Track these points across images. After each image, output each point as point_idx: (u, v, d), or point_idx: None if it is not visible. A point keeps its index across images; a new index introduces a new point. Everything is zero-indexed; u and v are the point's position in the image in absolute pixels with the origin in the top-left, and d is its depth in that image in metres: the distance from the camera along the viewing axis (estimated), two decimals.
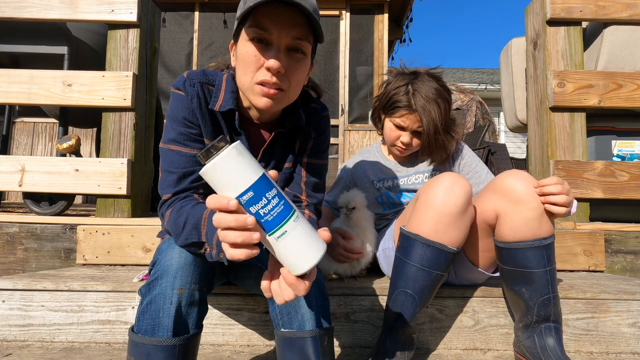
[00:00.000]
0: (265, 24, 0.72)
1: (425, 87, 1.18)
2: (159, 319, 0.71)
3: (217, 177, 0.52)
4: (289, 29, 0.73)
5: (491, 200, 0.97)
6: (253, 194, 0.52)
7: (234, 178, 0.52)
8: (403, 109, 1.20)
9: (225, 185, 0.52)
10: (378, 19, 4.26)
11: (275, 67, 0.73)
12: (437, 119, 1.17)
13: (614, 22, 1.81)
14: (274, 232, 0.53)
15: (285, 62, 0.75)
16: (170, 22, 4.25)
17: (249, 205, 0.52)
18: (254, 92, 0.77)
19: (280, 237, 0.53)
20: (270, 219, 0.53)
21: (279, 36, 0.73)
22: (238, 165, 0.52)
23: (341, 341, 1.10)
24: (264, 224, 0.53)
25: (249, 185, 0.52)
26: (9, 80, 1.71)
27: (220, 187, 0.52)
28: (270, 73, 0.74)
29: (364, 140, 4.18)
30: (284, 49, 0.75)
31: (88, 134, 4.12)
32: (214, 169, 0.51)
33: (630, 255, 1.54)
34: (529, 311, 0.95)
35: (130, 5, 1.73)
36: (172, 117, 0.82)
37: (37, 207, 1.76)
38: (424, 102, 1.17)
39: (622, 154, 1.88)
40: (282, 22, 0.73)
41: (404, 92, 1.20)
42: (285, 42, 0.74)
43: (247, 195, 0.52)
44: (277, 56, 0.74)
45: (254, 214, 0.52)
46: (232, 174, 0.51)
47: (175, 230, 0.73)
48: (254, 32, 0.74)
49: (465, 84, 9.01)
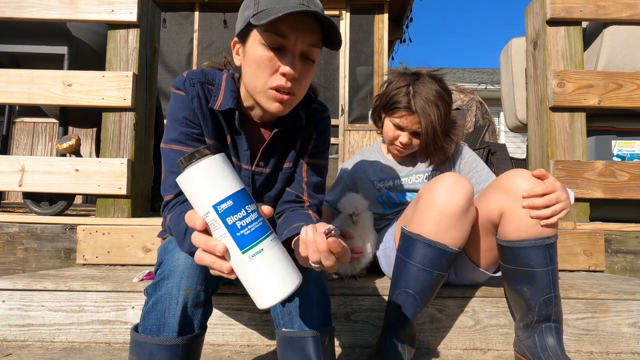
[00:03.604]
0: (284, 31, 0.73)
1: (426, 89, 1.18)
2: (165, 319, 0.71)
3: (200, 181, 0.50)
4: (307, 35, 0.74)
5: (496, 199, 0.97)
6: (232, 203, 0.50)
7: (217, 183, 0.50)
8: (403, 110, 1.20)
9: (204, 192, 0.50)
10: (378, 19, 4.26)
11: (291, 74, 0.74)
12: (436, 121, 1.17)
13: (614, 22, 1.81)
14: (249, 249, 0.50)
15: (299, 68, 0.76)
16: (170, 22, 4.25)
17: (226, 215, 0.50)
18: (267, 96, 0.77)
19: (255, 255, 0.50)
20: (247, 233, 0.50)
21: (296, 42, 0.74)
22: (222, 172, 0.51)
23: (341, 341, 1.10)
24: (239, 238, 0.50)
25: (230, 193, 0.50)
26: (9, 80, 1.71)
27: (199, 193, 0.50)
28: (285, 78, 0.75)
29: (364, 140, 4.18)
30: (298, 55, 0.75)
31: (88, 134, 4.12)
32: (201, 169, 0.50)
33: (630, 255, 1.54)
34: (530, 311, 0.95)
35: (130, 5, 1.73)
36: (172, 117, 0.82)
37: (37, 207, 1.76)
38: (423, 104, 1.17)
39: (622, 154, 1.89)
40: (300, 28, 0.73)
41: (405, 92, 1.20)
42: (301, 48, 0.75)
43: (226, 203, 0.50)
44: (293, 62, 0.74)
45: (231, 225, 0.50)
46: (216, 180, 0.50)
47: (178, 236, 0.73)
48: (270, 38, 0.73)
49: (465, 84, 9.01)
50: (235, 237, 0.50)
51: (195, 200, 0.51)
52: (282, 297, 0.51)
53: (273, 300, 0.51)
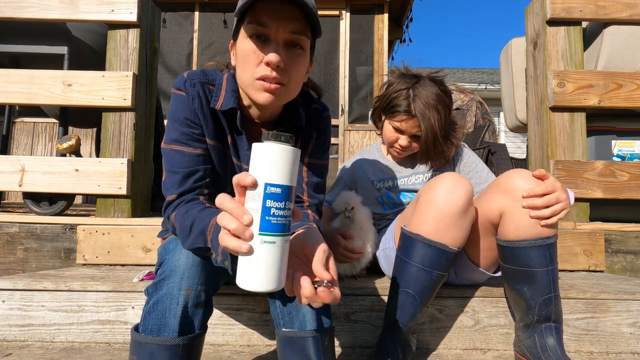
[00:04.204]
0: (264, 19, 0.73)
1: (426, 92, 1.18)
2: (165, 319, 0.71)
3: (273, 158, 0.53)
4: (287, 23, 0.74)
5: (496, 199, 0.97)
6: (280, 191, 0.53)
7: (283, 169, 0.53)
8: (402, 114, 1.20)
9: (269, 168, 0.53)
10: (378, 19, 4.26)
11: (274, 61, 0.73)
12: (436, 125, 1.17)
13: (614, 22, 1.81)
14: (266, 235, 0.53)
15: (284, 56, 0.75)
16: (170, 22, 4.25)
17: (269, 197, 0.53)
18: (254, 87, 0.77)
19: (266, 243, 0.53)
20: (273, 222, 0.53)
21: (277, 31, 0.74)
22: (293, 164, 0.54)
23: (341, 341, 1.10)
24: (265, 222, 0.53)
25: (285, 184, 0.53)
26: (9, 80, 1.71)
27: (266, 166, 0.53)
28: (270, 68, 0.75)
29: (364, 140, 4.18)
30: (282, 43, 0.75)
31: (88, 134, 4.12)
32: (282, 151, 0.53)
33: (630, 255, 1.54)
34: (530, 310, 0.95)
35: (130, 5, 1.73)
36: (173, 118, 0.83)
37: (37, 207, 1.76)
38: (423, 108, 1.16)
39: (622, 154, 1.89)
40: (280, 16, 0.73)
41: (405, 96, 1.19)
42: (283, 36, 0.75)
43: (276, 188, 0.53)
44: (276, 51, 0.74)
45: (267, 207, 0.52)
46: (285, 166, 0.53)
47: (182, 233, 0.73)
48: (252, 29, 0.74)
49: (465, 84, 9.01)
50: (262, 218, 0.53)
51: (256, 168, 0.54)
52: (260, 290, 0.53)
53: (252, 287, 0.53)
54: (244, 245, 0.52)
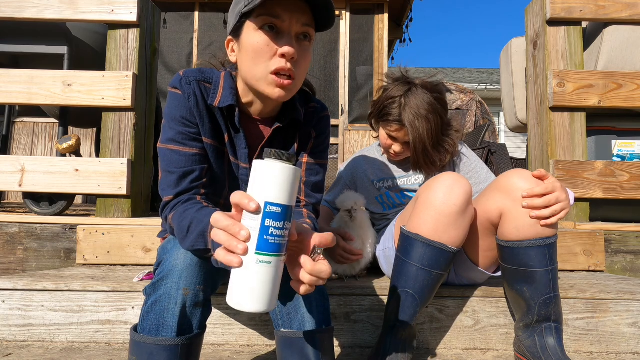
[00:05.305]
0: (277, 12, 0.73)
1: (417, 101, 1.17)
2: (164, 319, 0.70)
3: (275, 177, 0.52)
4: (300, 15, 0.74)
5: (495, 199, 0.97)
6: (280, 211, 0.52)
7: (283, 189, 0.53)
8: (393, 123, 1.20)
9: (270, 187, 0.52)
10: (378, 19, 4.26)
11: (290, 52, 0.74)
12: (425, 135, 1.17)
13: (614, 22, 1.81)
14: (262, 254, 0.52)
15: (297, 48, 0.76)
16: (170, 22, 4.25)
17: (268, 216, 0.52)
18: (267, 81, 0.77)
19: (261, 262, 0.52)
20: (270, 241, 0.52)
21: (291, 23, 0.74)
22: (293, 183, 0.53)
23: (341, 341, 1.10)
24: (263, 241, 0.52)
25: (285, 203, 0.53)
26: (9, 80, 1.71)
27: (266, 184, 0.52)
28: (285, 59, 0.75)
29: (364, 140, 4.18)
30: (294, 36, 0.76)
31: (88, 134, 4.13)
32: (283, 170, 0.52)
33: (630, 255, 1.54)
34: (530, 311, 0.95)
35: (130, 5, 1.73)
36: (169, 117, 0.82)
37: (37, 207, 1.76)
38: (412, 119, 1.16)
39: (622, 154, 1.88)
40: (292, 9, 0.74)
41: (397, 105, 1.19)
42: (296, 28, 0.75)
43: (277, 208, 0.52)
44: (290, 43, 0.74)
45: (265, 227, 0.52)
46: (285, 186, 0.53)
47: (180, 234, 0.73)
48: (265, 20, 0.74)
49: (465, 84, 9.01)
50: (260, 237, 0.52)
51: (256, 185, 0.53)
52: (252, 311, 0.53)
53: (244, 308, 0.53)
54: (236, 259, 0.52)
